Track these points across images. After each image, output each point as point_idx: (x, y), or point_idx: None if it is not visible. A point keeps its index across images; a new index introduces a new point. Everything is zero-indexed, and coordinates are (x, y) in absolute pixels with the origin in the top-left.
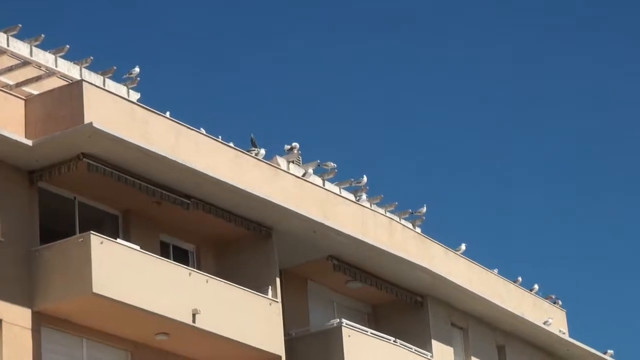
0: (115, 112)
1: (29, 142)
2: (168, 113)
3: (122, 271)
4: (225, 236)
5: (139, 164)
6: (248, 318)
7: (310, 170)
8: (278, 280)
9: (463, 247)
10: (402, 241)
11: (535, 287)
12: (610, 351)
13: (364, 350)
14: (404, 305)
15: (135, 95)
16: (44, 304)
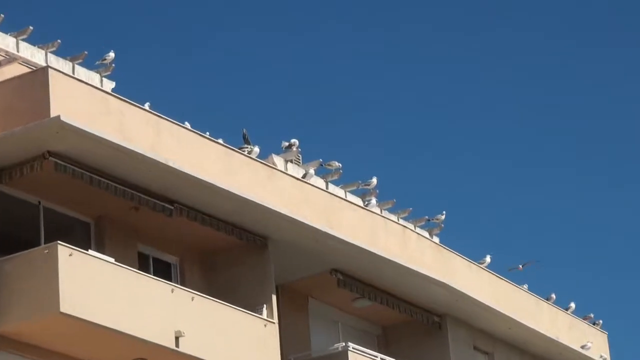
0: (86, 104)
1: None
2: (148, 105)
3: (94, 287)
4: (214, 247)
5: (114, 164)
6: (240, 341)
7: (312, 170)
8: (274, 298)
9: (488, 259)
10: (417, 252)
11: (572, 305)
12: None
13: None
14: (419, 327)
15: (109, 85)
16: (3, 325)
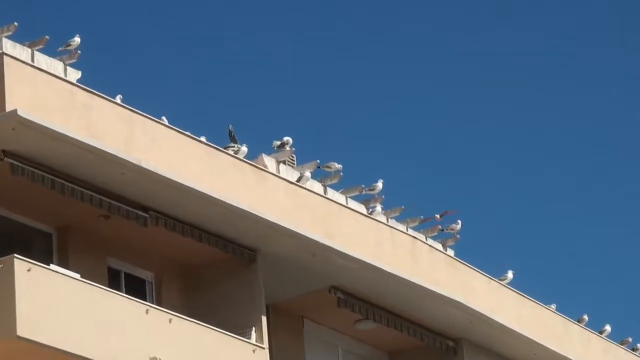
0: (47, 96)
1: None
2: (119, 98)
3: (57, 307)
4: (195, 261)
5: (80, 165)
6: None
7: (308, 173)
8: (264, 320)
9: (510, 275)
10: (429, 267)
11: (607, 328)
12: None
13: None
14: (432, 352)
15: (75, 74)
16: None
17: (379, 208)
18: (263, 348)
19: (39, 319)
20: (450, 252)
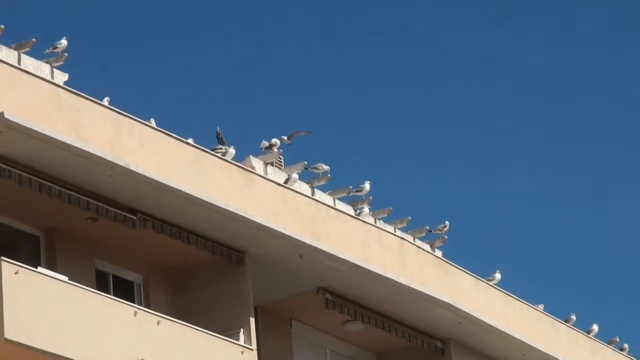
0: (34, 99)
1: None
2: (106, 100)
3: (44, 310)
4: (183, 263)
5: (67, 168)
6: None
7: (295, 175)
8: (253, 321)
9: (498, 275)
10: (417, 268)
11: (594, 328)
12: None
13: None
14: (420, 353)
15: (62, 77)
16: None
17: (366, 209)
18: (251, 349)
19: (27, 322)
20: (438, 253)
